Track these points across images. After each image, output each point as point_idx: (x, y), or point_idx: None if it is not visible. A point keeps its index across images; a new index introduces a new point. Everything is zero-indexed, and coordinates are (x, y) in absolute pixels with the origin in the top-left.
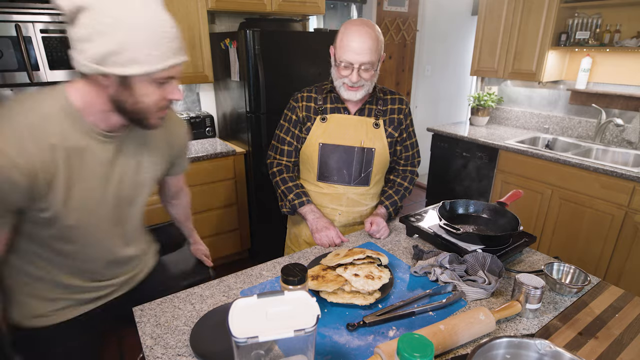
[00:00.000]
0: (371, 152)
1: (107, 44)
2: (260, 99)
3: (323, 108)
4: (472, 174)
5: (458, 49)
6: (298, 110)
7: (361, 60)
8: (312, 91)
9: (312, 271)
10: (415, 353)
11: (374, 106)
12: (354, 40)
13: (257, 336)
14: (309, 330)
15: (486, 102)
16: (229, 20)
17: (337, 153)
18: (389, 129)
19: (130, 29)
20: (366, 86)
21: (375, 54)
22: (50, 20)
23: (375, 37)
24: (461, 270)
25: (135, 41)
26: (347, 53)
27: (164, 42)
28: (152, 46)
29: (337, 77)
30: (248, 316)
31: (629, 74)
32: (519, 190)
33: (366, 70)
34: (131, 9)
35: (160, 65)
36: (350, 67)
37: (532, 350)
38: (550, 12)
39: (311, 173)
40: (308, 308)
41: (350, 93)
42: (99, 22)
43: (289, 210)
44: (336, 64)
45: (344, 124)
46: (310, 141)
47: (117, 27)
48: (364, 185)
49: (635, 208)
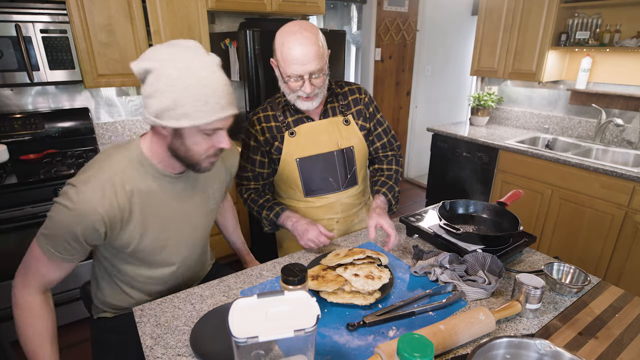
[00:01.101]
0: (350, 150)
1: (164, 101)
2: (260, 99)
3: (286, 123)
4: (472, 174)
5: (458, 49)
6: (257, 134)
7: (310, 70)
8: (267, 109)
9: (312, 271)
10: (415, 353)
11: (335, 104)
12: (296, 50)
13: (257, 336)
14: (309, 330)
15: (486, 102)
16: (229, 20)
17: (318, 163)
18: (359, 121)
19: (183, 88)
20: (321, 92)
21: (322, 57)
22: (50, 20)
23: (316, 40)
24: (461, 270)
25: (186, 99)
26: (293, 66)
27: (212, 99)
28: (200, 103)
29: (289, 91)
30: (248, 316)
31: (629, 74)
32: (519, 190)
33: (317, 77)
34: (186, 71)
35: (206, 119)
36: (300, 80)
37: (532, 350)
38: (550, 12)
39: (296, 191)
40: (308, 308)
41: (307, 104)
42: (160, 82)
43: (271, 227)
44: (284, 80)
45: (315, 131)
46: (285, 160)
47: (173, 87)
48: (353, 186)
49: (635, 208)
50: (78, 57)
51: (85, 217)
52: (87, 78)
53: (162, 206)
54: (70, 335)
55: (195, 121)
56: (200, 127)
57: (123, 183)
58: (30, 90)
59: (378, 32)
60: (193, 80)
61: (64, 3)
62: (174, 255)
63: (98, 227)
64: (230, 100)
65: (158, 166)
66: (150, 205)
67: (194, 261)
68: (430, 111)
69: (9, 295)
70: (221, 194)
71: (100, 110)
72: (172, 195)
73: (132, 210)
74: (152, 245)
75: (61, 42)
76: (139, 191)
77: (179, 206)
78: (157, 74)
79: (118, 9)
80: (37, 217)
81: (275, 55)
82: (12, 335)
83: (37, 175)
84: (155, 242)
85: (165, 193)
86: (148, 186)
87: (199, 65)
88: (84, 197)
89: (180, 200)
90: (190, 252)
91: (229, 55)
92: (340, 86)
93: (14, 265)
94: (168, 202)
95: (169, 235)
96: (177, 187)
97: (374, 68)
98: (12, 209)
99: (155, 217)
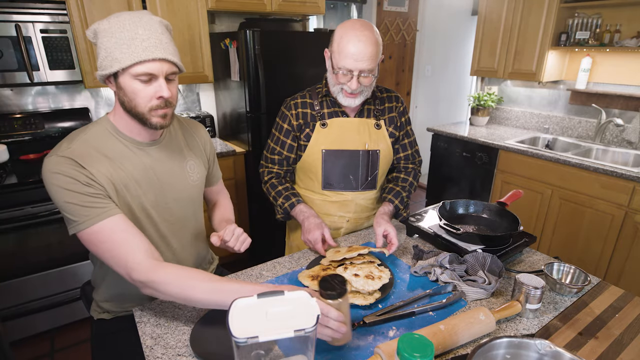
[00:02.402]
0: (376, 154)
1: (101, 52)
2: (260, 99)
3: (321, 113)
4: (472, 174)
5: (458, 49)
6: (291, 118)
7: (361, 67)
8: (306, 96)
9: (312, 271)
10: (415, 353)
11: (372, 106)
12: (353, 46)
13: (257, 336)
14: (309, 330)
15: (486, 102)
16: (229, 20)
17: (342, 159)
18: (390, 128)
19: (111, 35)
20: (365, 92)
21: (376, 59)
22: (50, 20)
23: (375, 42)
24: (461, 270)
25: (114, 45)
26: (346, 60)
27: (136, 42)
28: (125, 46)
29: (335, 83)
30: (248, 316)
31: (629, 74)
32: (519, 190)
33: (366, 77)
34: (115, 22)
35: (131, 61)
36: (349, 74)
37: (532, 351)
38: (550, 12)
39: (314, 182)
40: (308, 308)
41: (349, 100)
42: (97, 37)
43: (283, 216)
44: (334, 71)
45: (346, 127)
46: (311, 149)
47: (105, 38)
48: (372, 189)
49: (635, 208)
50: (78, 57)
51: (67, 164)
52: (87, 78)
53: (139, 172)
54: (70, 335)
55: (121, 63)
56: (130, 71)
57: (96, 149)
58: (30, 90)
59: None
60: (119, 28)
61: (64, 3)
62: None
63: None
64: (161, 46)
65: (127, 134)
66: (127, 171)
67: (190, 255)
68: (430, 111)
69: (9, 295)
70: (201, 172)
71: (100, 110)
72: (146, 162)
73: (114, 168)
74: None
75: (61, 42)
76: (114, 156)
77: (154, 174)
78: (97, 33)
79: (118, 9)
80: (37, 217)
81: (332, 46)
82: (12, 335)
83: (37, 175)
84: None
85: (140, 160)
86: (121, 153)
87: (128, 16)
88: (61, 154)
89: (157, 169)
90: (182, 236)
91: (229, 55)
92: (381, 91)
93: (14, 265)
94: (145, 169)
95: (148, 202)
96: (151, 155)
97: None
98: (12, 209)
99: (135, 183)
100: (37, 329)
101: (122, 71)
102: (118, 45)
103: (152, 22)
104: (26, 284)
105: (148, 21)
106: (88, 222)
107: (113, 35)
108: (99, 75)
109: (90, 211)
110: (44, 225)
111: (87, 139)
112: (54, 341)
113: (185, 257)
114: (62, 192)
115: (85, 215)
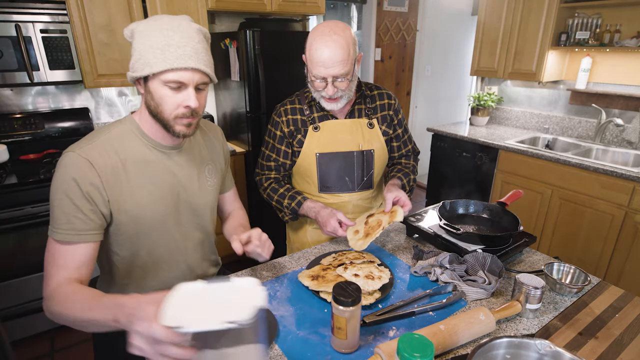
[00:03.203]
0: (371, 154)
1: (135, 54)
2: (260, 99)
3: (312, 117)
4: (472, 174)
5: (458, 49)
6: (282, 125)
7: (333, 74)
8: (295, 102)
9: (312, 271)
10: (415, 353)
11: (362, 105)
12: (322, 53)
13: (181, 326)
14: (245, 323)
15: (486, 102)
16: (229, 20)
17: (337, 161)
18: (383, 126)
19: (146, 38)
20: (345, 95)
21: (348, 63)
22: (50, 20)
23: (346, 45)
24: (461, 270)
25: (148, 48)
26: (317, 67)
27: (171, 49)
28: (159, 51)
29: (314, 90)
30: (187, 302)
31: (629, 74)
32: (519, 190)
33: (341, 81)
34: (152, 26)
35: (163, 67)
36: (324, 81)
37: (532, 351)
38: (550, 12)
39: (311, 185)
40: (252, 299)
41: (331, 104)
42: (133, 39)
43: (291, 217)
44: (310, 78)
45: (338, 129)
46: (305, 153)
47: (140, 41)
48: (368, 189)
49: (635, 208)
50: (78, 57)
51: (80, 165)
52: (87, 78)
53: (158, 176)
54: (71, 335)
55: (152, 68)
56: (161, 77)
57: (117, 151)
58: (30, 90)
59: (378, 32)
60: (155, 32)
61: (64, 3)
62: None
63: (93, 178)
64: (195, 56)
65: (151, 136)
66: (145, 175)
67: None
68: (430, 111)
69: (9, 295)
70: (217, 177)
71: (101, 110)
72: (167, 166)
73: (129, 179)
74: (152, 220)
75: (61, 42)
76: (133, 160)
77: (175, 179)
78: (134, 33)
79: (118, 9)
80: (37, 217)
81: (305, 52)
82: (12, 335)
83: (37, 175)
84: (154, 215)
85: (161, 164)
86: (143, 156)
87: (166, 20)
88: (80, 152)
89: (177, 174)
90: (192, 242)
91: (229, 55)
92: (370, 89)
93: (14, 265)
94: (164, 173)
95: (166, 210)
96: (172, 160)
97: (374, 68)
98: (12, 209)
99: (152, 187)
100: (37, 329)
101: (152, 76)
102: (152, 49)
103: (190, 30)
104: (26, 284)
105: (186, 28)
106: (60, 234)
107: (148, 38)
108: (129, 75)
109: (69, 226)
110: (44, 225)
111: (109, 138)
112: (54, 341)
113: (195, 259)
114: (61, 194)
115: (63, 227)
